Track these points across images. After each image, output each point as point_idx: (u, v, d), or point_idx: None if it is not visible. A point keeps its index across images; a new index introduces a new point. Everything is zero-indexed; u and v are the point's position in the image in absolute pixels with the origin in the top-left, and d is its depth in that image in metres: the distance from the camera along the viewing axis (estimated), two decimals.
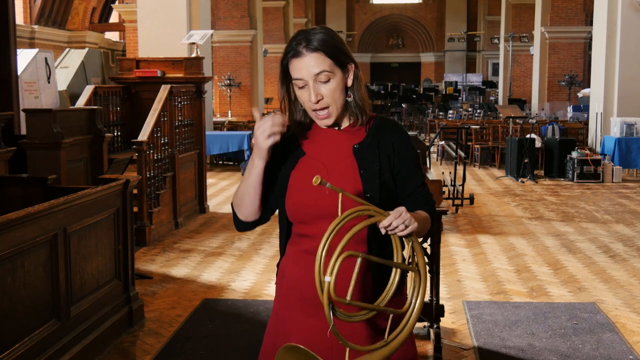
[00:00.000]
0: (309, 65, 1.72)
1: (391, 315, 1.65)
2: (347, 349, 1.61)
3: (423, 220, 1.76)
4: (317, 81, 1.73)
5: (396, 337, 1.62)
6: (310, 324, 1.77)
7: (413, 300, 1.63)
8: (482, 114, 19.06)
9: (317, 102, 1.73)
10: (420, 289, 1.62)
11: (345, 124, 1.83)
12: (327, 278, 1.51)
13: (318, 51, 1.72)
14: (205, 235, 7.05)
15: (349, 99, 1.79)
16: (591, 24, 15.60)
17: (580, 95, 18.56)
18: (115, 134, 8.06)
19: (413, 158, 1.84)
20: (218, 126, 14.57)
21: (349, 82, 1.78)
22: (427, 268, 1.58)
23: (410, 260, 1.63)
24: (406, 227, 1.63)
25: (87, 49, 12.84)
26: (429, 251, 3.94)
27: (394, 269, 1.67)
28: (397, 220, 1.61)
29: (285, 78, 1.79)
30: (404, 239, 1.65)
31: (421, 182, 1.85)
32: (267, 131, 1.67)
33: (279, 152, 1.79)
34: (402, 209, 1.63)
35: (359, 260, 1.58)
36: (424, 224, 1.78)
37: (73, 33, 19.63)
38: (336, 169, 1.76)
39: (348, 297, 1.55)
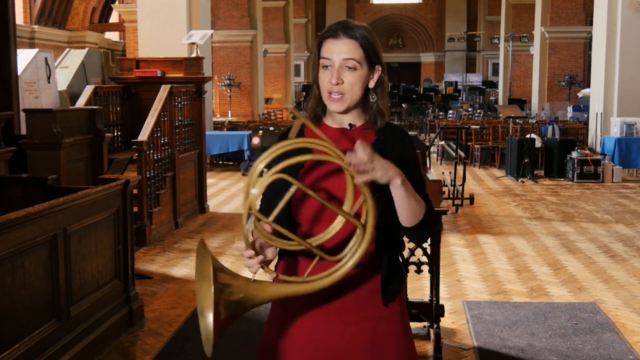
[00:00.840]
0: (341, 49, 1.74)
1: (317, 258, 1.60)
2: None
3: (413, 194, 1.70)
4: (343, 66, 1.74)
5: (315, 281, 1.56)
6: (312, 326, 1.77)
7: (348, 254, 1.55)
8: (482, 114, 19.06)
9: (337, 84, 1.74)
10: (360, 246, 1.53)
11: (358, 123, 1.83)
12: (254, 190, 1.52)
13: (355, 39, 1.75)
14: (205, 235, 7.05)
15: (372, 100, 1.80)
16: (591, 24, 15.60)
17: (580, 95, 18.56)
18: (115, 134, 8.06)
19: (417, 166, 1.85)
20: (218, 126, 14.57)
21: (372, 84, 1.79)
22: (372, 228, 1.51)
23: (364, 221, 1.53)
24: (371, 162, 1.55)
25: (87, 49, 12.84)
26: (429, 251, 3.94)
27: (339, 216, 1.59)
28: (360, 154, 1.54)
29: (316, 64, 1.80)
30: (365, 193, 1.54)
31: (422, 188, 1.84)
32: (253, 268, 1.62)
33: (285, 157, 1.79)
34: (368, 147, 1.56)
35: (292, 188, 1.55)
36: (414, 199, 1.71)
37: (73, 33, 19.63)
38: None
39: (271, 218, 1.55)
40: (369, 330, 1.78)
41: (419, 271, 4.03)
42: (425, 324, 4.16)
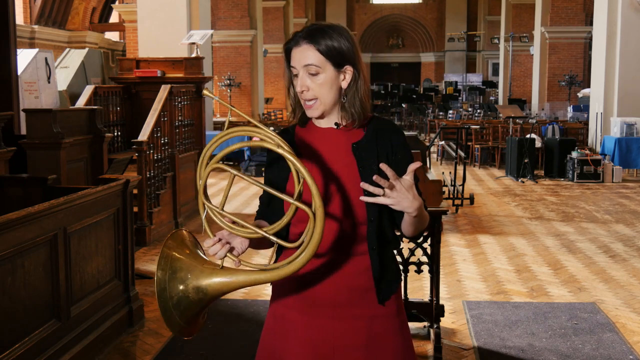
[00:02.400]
0: (301, 56, 1.75)
1: (275, 245, 1.62)
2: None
3: (422, 215, 1.74)
4: (306, 72, 1.76)
5: (277, 269, 1.57)
6: (309, 323, 1.77)
7: (305, 240, 1.55)
8: (482, 114, 19.06)
9: (302, 92, 1.76)
10: (314, 232, 1.53)
11: (344, 122, 1.83)
12: (200, 181, 1.64)
13: (310, 44, 1.75)
14: (205, 235, 7.04)
15: (343, 101, 1.79)
16: (591, 24, 15.60)
17: (580, 95, 18.57)
18: (115, 134, 8.06)
19: (409, 159, 1.84)
20: (218, 126, 14.56)
21: (344, 84, 1.78)
22: (323, 211, 1.52)
23: (313, 210, 1.53)
24: (407, 192, 1.63)
25: (87, 49, 12.84)
26: (429, 251, 3.94)
27: (291, 206, 1.58)
28: (408, 182, 1.64)
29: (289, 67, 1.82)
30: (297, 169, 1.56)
31: (416, 182, 1.85)
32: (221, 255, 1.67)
33: (278, 161, 1.80)
34: (409, 182, 1.64)
35: (231, 176, 1.60)
36: (423, 218, 1.76)
37: (73, 33, 19.64)
38: (334, 166, 1.76)
39: (220, 207, 1.64)
40: (365, 329, 1.78)
41: (419, 271, 4.03)
42: (425, 324, 4.16)
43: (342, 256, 1.75)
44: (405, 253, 3.94)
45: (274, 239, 1.59)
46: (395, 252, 1.90)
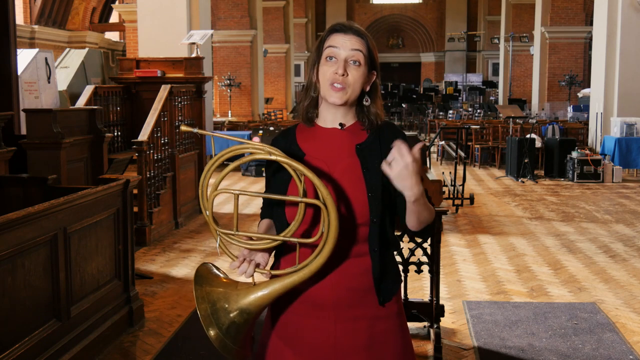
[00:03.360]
0: (351, 41, 1.76)
1: (298, 246, 1.65)
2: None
3: (425, 205, 1.74)
4: (349, 59, 1.76)
5: (307, 265, 1.62)
6: (310, 325, 1.77)
7: (324, 230, 1.58)
8: (482, 114, 19.07)
9: (341, 75, 1.74)
10: (330, 221, 1.57)
11: (349, 123, 1.83)
12: (207, 212, 1.66)
13: (362, 37, 1.78)
14: (205, 235, 7.05)
15: (366, 103, 1.81)
16: (591, 24, 15.61)
17: (580, 95, 18.57)
18: (115, 134, 8.06)
19: None
20: (218, 126, 14.57)
21: (367, 87, 1.81)
22: (332, 199, 1.56)
23: (324, 200, 1.57)
24: (408, 168, 1.62)
25: (87, 49, 12.83)
26: (429, 251, 3.94)
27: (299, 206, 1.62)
28: (415, 155, 1.62)
29: (318, 58, 1.80)
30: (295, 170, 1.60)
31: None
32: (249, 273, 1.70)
33: (277, 168, 1.79)
34: (404, 148, 1.62)
35: (236, 197, 1.63)
36: (426, 210, 1.76)
37: (73, 33, 19.64)
38: (338, 167, 1.76)
39: (234, 229, 1.66)
40: (365, 330, 1.77)
41: (419, 271, 4.03)
42: (425, 324, 4.16)
43: (343, 257, 1.74)
44: (405, 253, 3.94)
45: (294, 240, 1.63)
46: (395, 252, 1.90)
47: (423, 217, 1.75)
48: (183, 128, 1.71)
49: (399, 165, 1.61)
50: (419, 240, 3.87)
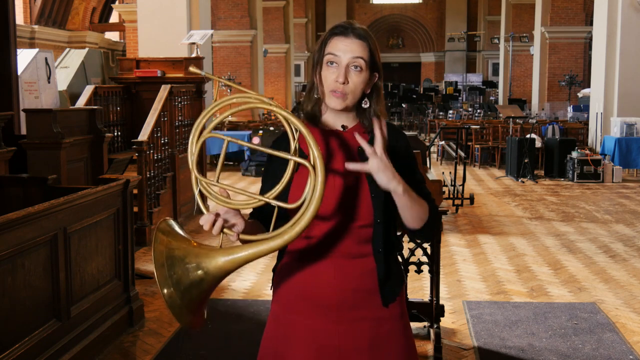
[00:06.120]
0: (352, 47, 1.74)
1: (275, 210, 1.56)
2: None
3: (415, 199, 1.72)
4: (350, 65, 1.74)
5: (279, 235, 1.50)
6: (313, 326, 1.76)
7: (307, 197, 1.49)
8: (482, 114, 19.06)
9: (342, 82, 1.73)
10: (315, 187, 1.48)
11: (350, 125, 1.83)
12: (191, 158, 1.58)
13: (364, 40, 1.75)
14: (205, 235, 7.04)
15: (365, 106, 1.79)
16: (591, 24, 15.60)
17: (580, 95, 18.56)
18: (115, 134, 8.06)
19: (414, 163, 1.85)
20: (218, 126, 14.56)
21: (367, 89, 1.79)
22: (322, 162, 1.49)
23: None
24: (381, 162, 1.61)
25: (87, 49, 12.84)
26: (429, 251, 3.94)
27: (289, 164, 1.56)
28: (378, 150, 1.62)
29: (319, 61, 1.78)
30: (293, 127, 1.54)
31: (420, 179, 1.85)
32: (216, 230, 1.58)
33: (279, 159, 1.79)
34: (380, 152, 1.62)
35: (225, 142, 1.58)
36: (417, 204, 1.73)
37: (73, 33, 19.64)
38: (340, 168, 1.76)
39: (215, 179, 1.57)
40: (368, 331, 1.77)
41: (419, 271, 4.03)
42: (425, 324, 4.16)
43: (346, 258, 1.74)
44: (405, 253, 3.94)
45: (274, 202, 1.54)
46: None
47: (415, 210, 1.72)
48: (192, 69, 1.64)
49: (375, 159, 1.61)
50: (419, 239, 3.87)
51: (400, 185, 1.64)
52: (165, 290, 1.48)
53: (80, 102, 7.55)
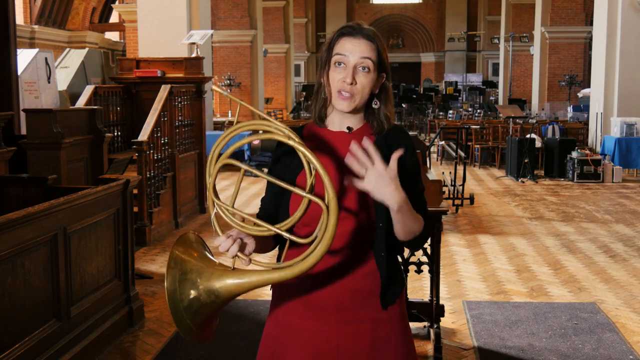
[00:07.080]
0: (360, 48, 1.73)
1: (288, 242, 1.57)
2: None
3: (410, 214, 1.70)
4: (358, 66, 1.73)
5: (291, 266, 1.51)
6: (312, 328, 1.76)
7: (319, 234, 1.50)
8: (482, 114, 19.06)
9: (350, 83, 1.72)
10: (327, 225, 1.48)
11: (357, 127, 1.82)
12: (209, 179, 1.58)
13: (372, 41, 1.74)
14: (205, 235, 7.05)
15: (375, 106, 1.79)
16: (591, 24, 15.61)
17: (580, 95, 18.57)
18: (115, 134, 8.06)
19: (417, 166, 1.84)
20: (218, 126, 14.58)
21: (376, 90, 1.78)
22: (336, 204, 1.49)
23: (327, 203, 1.49)
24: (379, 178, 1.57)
25: (87, 49, 12.83)
26: (429, 251, 3.94)
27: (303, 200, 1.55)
28: (378, 167, 1.58)
29: (327, 62, 1.77)
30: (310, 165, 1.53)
31: (421, 190, 1.84)
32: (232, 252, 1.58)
33: (284, 160, 1.78)
34: (381, 168, 1.58)
35: (242, 171, 1.58)
36: (412, 219, 1.71)
37: (73, 33, 19.64)
38: (345, 171, 1.75)
39: (230, 204, 1.57)
40: (368, 333, 1.76)
41: (419, 271, 4.03)
42: (425, 324, 4.16)
43: (347, 260, 1.73)
44: (405, 253, 3.94)
45: (287, 235, 1.55)
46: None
47: (408, 226, 1.70)
48: (214, 87, 1.68)
49: (372, 175, 1.57)
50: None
51: (398, 203, 1.61)
52: (175, 314, 1.52)
53: (80, 102, 7.56)
